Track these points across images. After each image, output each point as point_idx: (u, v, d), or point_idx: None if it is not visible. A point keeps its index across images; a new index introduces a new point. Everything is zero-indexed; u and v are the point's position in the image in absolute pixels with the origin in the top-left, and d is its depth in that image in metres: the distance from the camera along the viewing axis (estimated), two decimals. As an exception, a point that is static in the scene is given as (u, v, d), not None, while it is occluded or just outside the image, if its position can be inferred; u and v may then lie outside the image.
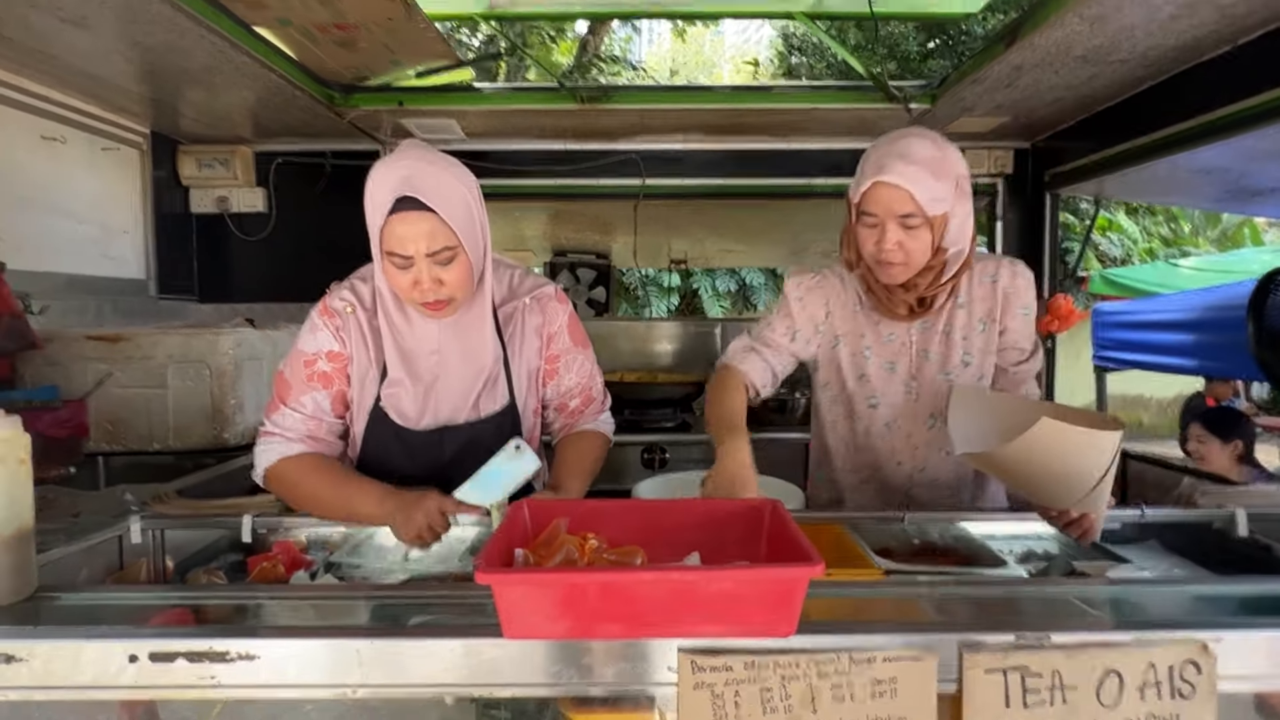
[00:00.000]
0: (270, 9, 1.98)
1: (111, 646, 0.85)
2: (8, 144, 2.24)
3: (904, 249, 1.29)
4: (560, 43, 9.67)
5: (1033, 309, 1.44)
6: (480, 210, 1.29)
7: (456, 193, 1.22)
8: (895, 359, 1.47)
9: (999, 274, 1.43)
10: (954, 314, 1.44)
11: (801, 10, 2.52)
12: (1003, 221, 3.13)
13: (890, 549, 1.46)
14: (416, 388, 1.38)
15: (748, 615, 0.80)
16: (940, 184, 1.26)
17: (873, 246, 1.32)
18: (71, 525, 1.34)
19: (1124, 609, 0.99)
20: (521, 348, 1.43)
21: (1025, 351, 1.47)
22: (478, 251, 1.29)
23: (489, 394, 1.40)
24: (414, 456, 1.42)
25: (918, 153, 1.26)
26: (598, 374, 1.54)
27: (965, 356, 1.45)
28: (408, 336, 1.37)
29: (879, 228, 1.30)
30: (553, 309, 1.44)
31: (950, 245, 1.32)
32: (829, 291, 1.48)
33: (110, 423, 2.19)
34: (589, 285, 5.09)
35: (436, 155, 1.25)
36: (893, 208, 1.27)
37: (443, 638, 0.85)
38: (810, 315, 1.49)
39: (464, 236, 1.23)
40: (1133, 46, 2.01)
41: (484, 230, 1.31)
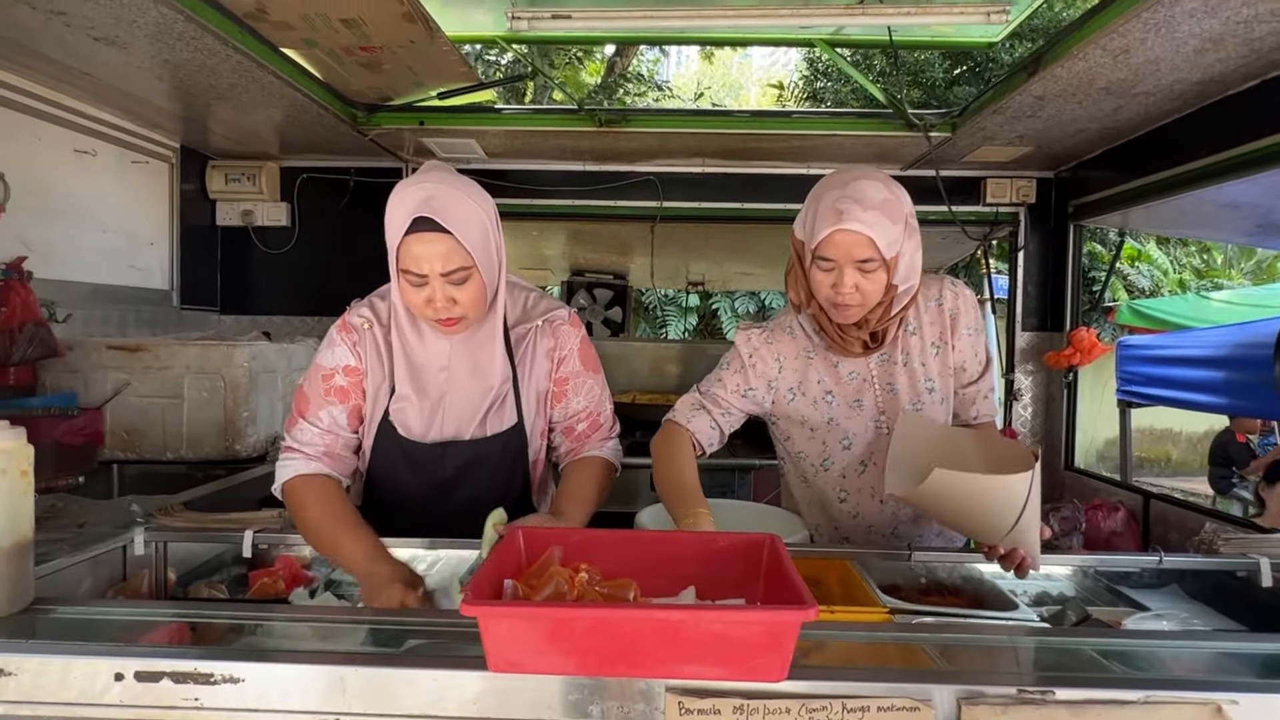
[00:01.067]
0: (296, 31, 2.03)
1: (98, 664, 0.85)
2: (41, 156, 2.31)
3: (860, 291, 1.29)
4: (588, 64, 9.80)
5: (978, 327, 1.44)
6: (496, 233, 1.32)
7: (474, 215, 1.25)
8: (860, 395, 1.46)
9: (943, 295, 1.44)
10: (907, 341, 1.45)
11: (822, 38, 2.52)
12: (1024, 252, 3.09)
13: (898, 586, 1.42)
14: (423, 403, 1.38)
15: (738, 657, 0.77)
16: (895, 227, 1.26)
17: (829, 290, 1.32)
18: (76, 535, 1.35)
19: (1136, 663, 0.95)
20: (532, 369, 1.43)
21: (974, 372, 1.47)
22: (491, 273, 1.30)
23: (497, 413, 1.41)
24: (417, 470, 1.42)
25: (872, 197, 1.25)
26: (607, 400, 1.53)
27: (927, 382, 1.45)
28: (419, 351, 1.38)
29: (835, 271, 1.29)
30: (565, 332, 1.45)
31: (901, 283, 1.33)
32: (779, 346, 1.48)
33: (126, 431, 2.23)
34: (605, 305, 5.10)
35: (457, 178, 1.28)
36: (852, 253, 1.26)
37: (429, 668, 0.84)
38: (763, 371, 1.48)
39: (479, 258, 1.25)
40: (1158, 80, 1.99)
41: (499, 252, 1.33)
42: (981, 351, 1.46)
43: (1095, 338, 2.82)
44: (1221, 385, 2.65)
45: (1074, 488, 2.88)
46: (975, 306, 1.44)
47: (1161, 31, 1.69)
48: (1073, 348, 2.83)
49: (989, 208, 3.07)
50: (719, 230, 3.54)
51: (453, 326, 1.30)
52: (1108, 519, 2.37)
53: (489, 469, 1.43)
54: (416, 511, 1.45)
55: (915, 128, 2.60)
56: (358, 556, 1.23)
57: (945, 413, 1.47)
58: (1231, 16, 1.62)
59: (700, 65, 18.00)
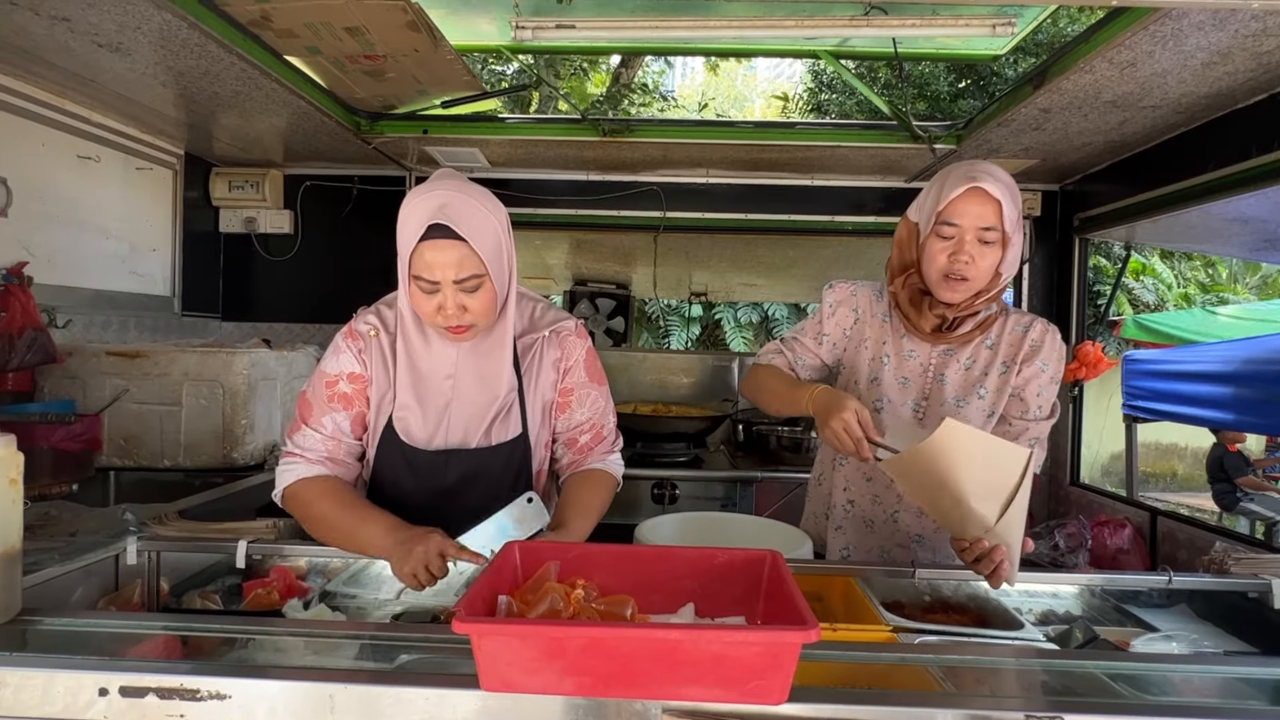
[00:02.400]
0: (300, 38, 2.03)
1: (82, 678, 0.83)
2: (44, 162, 2.31)
3: (976, 264, 1.31)
4: (593, 75, 9.84)
5: (1053, 370, 1.42)
6: (508, 242, 1.31)
7: (488, 224, 1.25)
8: (911, 377, 1.48)
9: (1033, 327, 1.44)
10: (979, 351, 1.45)
11: (827, 49, 2.52)
12: (1029, 265, 3.07)
13: (901, 604, 1.39)
14: (428, 410, 1.37)
15: (737, 679, 0.75)
16: (1016, 208, 1.31)
17: (945, 260, 1.33)
18: (67, 544, 1.33)
19: (1147, 687, 0.92)
20: (537, 380, 1.42)
21: (1031, 409, 1.44)
22: (503, 281, 1.30)
23: (502, 423, 1.40)
24: (419, 477, 1.40)
25: (1002, 174, 1.32)
26: (611, 413, 1.51)
27: (981, 390, 1.44)
28: (425, 359, 1.37)
29: (956, 239, 1.32)
30: (571, 343, 1.44)
31: (1005, 271, 1.35)
32: (860, 300, 1.53)
33: (124, 438, 2.21)
34: (608, 315, 5.09)
35: (471, 186, 1.28)
36: (978, 219, 1.29)
37: (419, 685, 0.82)
38: (839, 322, 1.53)
39: (491, 266, 1.25)
40: (1164, 93, 1.97)
41: (510, 261, 1.32)
42: (1047, 397, 1.44)
43: (1101, 352, 2.80)
44: (1230, 401, 2.63)
45: (1079, 504, 2.85)
46: (1060, 351, 1.44)
47: (1169, 45, 1.68)
48: (1079, 362, 2.81)
49: (994, 220, 3.06)
50: (722, 241, 3.53)
51: (462, 334, 1.30)
52: (1114, 536, 2.34)
53: (491, 479, 1.40)
54: (418, 522, 1.38)
55: (920, 140, 2.60)
56: (378, 533, 1.22)
57: (988, 426, 1.45)
58: (1240, 30, 1.61)
59: (705, 77, 18.08)
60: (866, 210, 3.10)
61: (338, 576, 1.49)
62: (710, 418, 3.07)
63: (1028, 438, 1.43)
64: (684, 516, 1.79)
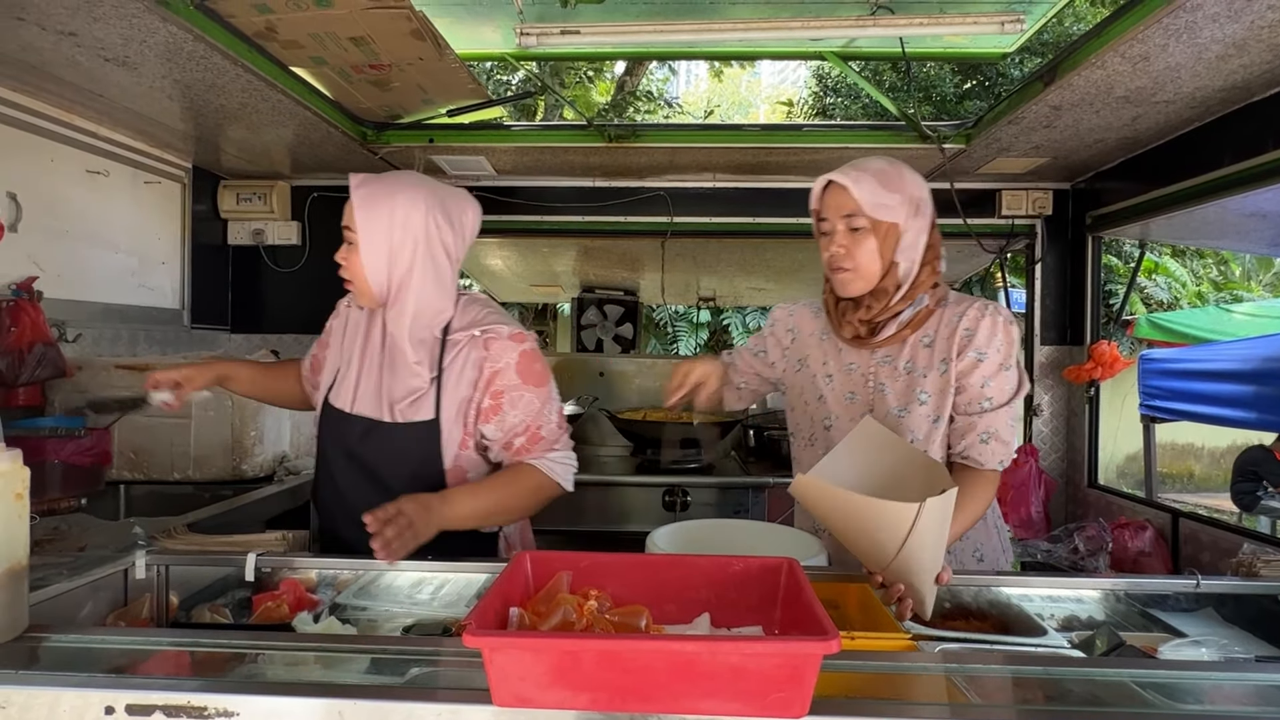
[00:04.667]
0: (305, 49, 2.03)
1: (89, 696, 0.82)
2: (53, 177, 2.32)
3: (851, 253, 1.34)
4: (598, 83, 9.86)
5: (998, 357, 1.34)
6: (406, 226, 1.40)
7: (386, 202, 1.40)
8: (855, 390, 1.46)
9: (967, 313, 1.38)
10: (917, 350, 1.41)
11: (833, 50, 2.50)
12: (1042, 264, 3.03)
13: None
14: (348, 373, 1.51)
15: (755, 692, 0.73)
16: (888, 194, 1.31)
17: (826, 256, 1.38)
18: (76, 559, 1.32)
19: (1179, 695, 0.89)
20: (459, 374, 1.47)
21: (972, 403, 1.36)
22: (378, 254, 1.40)
23: (414, 405, 1.46)
24: (339, 441, 1.51)
25: (869, 164, 1.35)
26: (553, 413, 1.53)
27: (922, 395, 1.39)
28: (359, 322, 1.55)
29: (830, 233, 1.36)
30: (500, 347, 1.47)
31: (901, 259, 1.34)
32: (799, 319, 1.58)
33: (134, 452, 2.21)
34: (616, 322, 5.08)
35: (410, 176, 1.46)
36: (839, 208, 1.33)
37: (430, 701, 0.80)
38: (778, 339, 1.60)
39: (363, 233, 1.39)
40: (1178, 87, 1.94)
41: (402, 242, 1.41)
42: (995, 388, 1.35)
43: (1116, 351, 2.76)
44: (1251, 399, 2.58)
45: (1098, 505, 2.80)
46: (1003, 337, 1.35)
47: (1183, 37, 1.66)
48: (1094, 361, 2.77)
49: (1005, 220, 3.03)
50: (730, 245, 3.51)
51: (350, 290, 1.50)
52: (1135, 538, 2.29)
53: (401, 457, 1.47)
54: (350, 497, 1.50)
55: (929, 140, 2.57)
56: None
57: (935, 432, 1.39)
58: (1256, 21, 1.58)
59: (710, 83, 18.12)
60: (875, 212, 3.08)
61: (348, 589, 1.47)
62: (721, 424, 3.04)
63: (977, 434, 1.36)
64: (696, 524, 1.77)
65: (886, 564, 1.07)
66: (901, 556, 1.04)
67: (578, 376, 3.64)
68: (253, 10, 1.80)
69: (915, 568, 1.06)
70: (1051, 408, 3.05)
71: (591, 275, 4.81)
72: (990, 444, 1.35)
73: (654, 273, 4.40)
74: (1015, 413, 1.39)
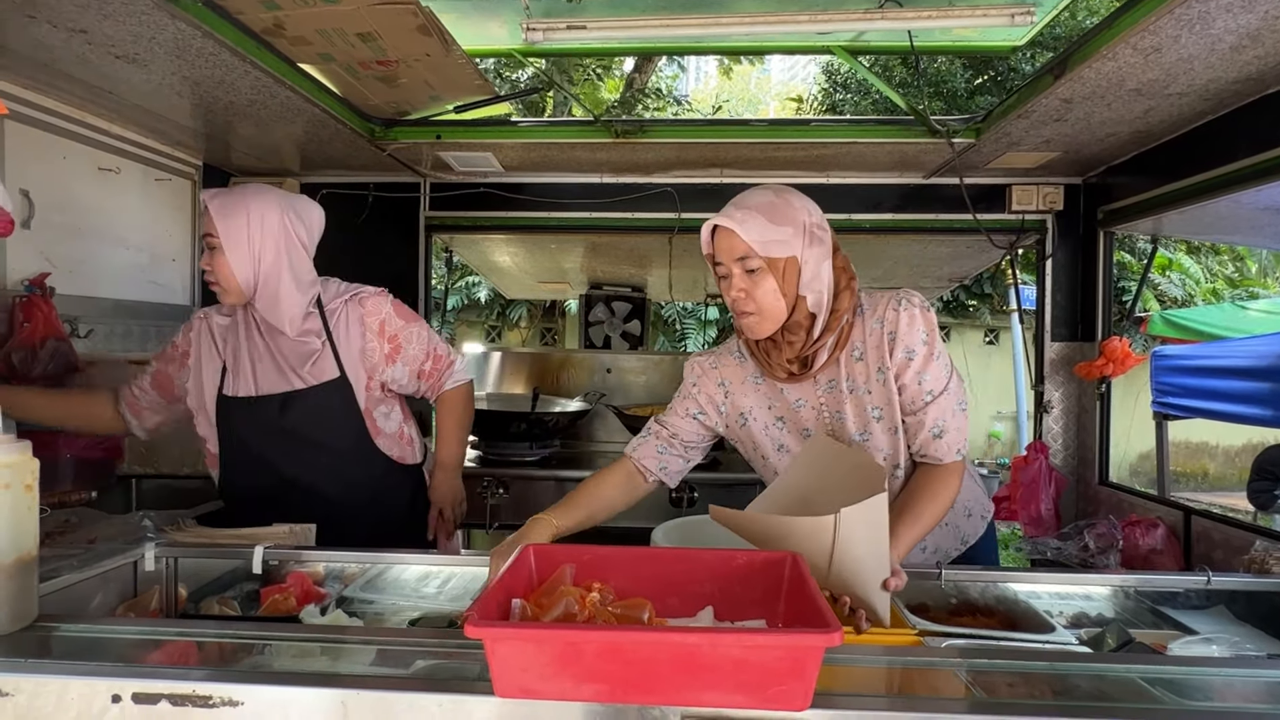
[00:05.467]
0: (313, 46, 2.03)
1: (96, 685, 0.83)
2: (65, 174, 2.34)
3: (751, 296, 1.28)
4: (607, 80, 9.86)
5: (920, 349, 1.31)
6: (263, 229, 1.63)
7: (242, 209, 1.61)
8: (808, 424, 1.40)
9: (885, 316, 1.34)
10: (852, 367, 1.36)
11: (842, 45, 2.49)
12: (1052, 260, 3.01)
13: (926, 606, 1.36)
14: (239, 366, 1.71)
15: (757, 685, 0.73)
16: (777, 228, 1.26)
17: (729, 300, 1.33)
18: (86, 551, 1.34)
19: (1188, 692, 0.88)
20: (347, 331, 1.74)
21: (914, 399, 1.33)
22: (240, 253, 1.61)
23: (315, 366, 1.71)
24: (259, 422, 1.70)
25: (752, 200, 1.29)
26: (434, 336, 1.85)
27: (874, 411, 1.35)
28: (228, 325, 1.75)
29: (727, 277, 1.31)
30: (373, 302, 1.78)
31: (806, 292, 1.28)
32: (725, 371, 1.48)
33: (144, 446, 2.23)
34: (624, 319, 5.08)
35: (265, 189, 1.69)
36: (731, 252, 1.28)
37: (433, 691, 0.80)
38: (709, 395, 1.49)
39: (224, 237, 1.60)
40: (1191, 79, 1.92)
41: (262, 243, 1.63)
42: (932, 378, 1.32)
43: (1128, 348, 2.73)
44: (1267, 396, 2.55)
45: (1109, 503, 2.78)
46: (924, 325, 1.32)
47: (1195, 28, 1.63)
48: (1105, 358, 2.74)
49: (1015, 215, 3.00)
50: (738, 242, 3.49)
51: (215, 290, 1.67)
52: (1146, 536, 2.27)
53: (323, 414, 1.72)
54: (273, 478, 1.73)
55: (938, 134, 2.55)
56: None
57: (899, 442, 1.36)
58: (1270, 10, 1.56)
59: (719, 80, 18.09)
60: (884, 208, 3.06)
61: (355, 582, 1.48)
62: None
63: (928, 429, 1.32)
64: (700, 519, 1.77)
65: (824, 578, 1.03)
66: (834, 569, 1.02)
67: (585, 373, 3.64)
68: (260, 6, 1.81)
69: (853, 579, 1.04)
70: (1062, 404, 3.02)
71: (599, 272, 4.81)
72: (944, 436, 1.31)
73: (662, 269, 4.39)
74: (959, 397, 1.33)
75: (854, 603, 1.07)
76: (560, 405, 3.26)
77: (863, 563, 1.02)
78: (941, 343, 1.34)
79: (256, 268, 1.63)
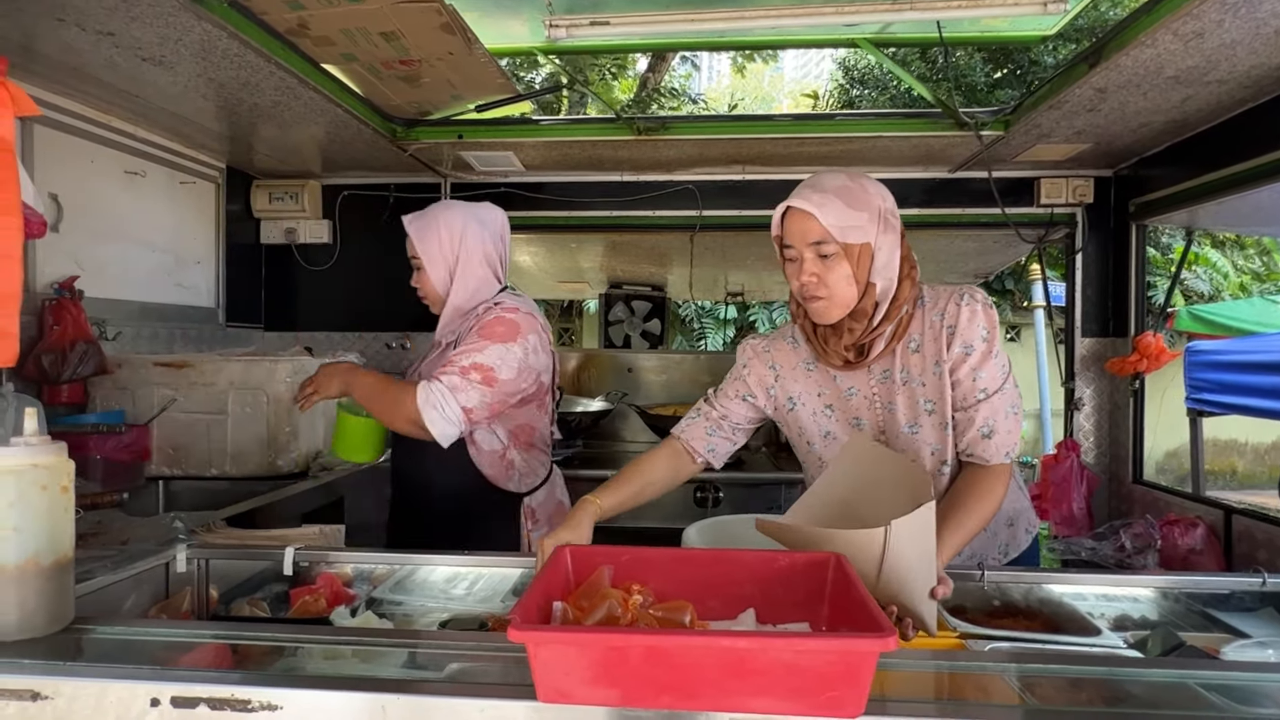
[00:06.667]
0: (337, 46, 2.03)
1: (135, 689, 0.82)
2: (93, 178, 2.36)
3: (823, 281, 1.25)
4: (621, 80, 9.84)
5: (979, 346, 1.28)
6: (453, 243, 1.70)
7: (434, 226, 1.70)
8: (859, 413, 1.37)
9: (946, 309, 1.30)
10: (908, 359, 1.32)
11: (867, 37, 2.45)
12: (1083, 254, 2.95)
13: (965, 608, 1.33)
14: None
15: (809, 691, 0.70)
16: (854, 213, 1.22)
17: (797, 284, 1.29)
18: (119, 553, 1.34)
19: (1248, 700, 0.85)
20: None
21: (966, 396, 1.29)
22: (437, 267, 1.70)
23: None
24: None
25: (829, 183, 1.25)
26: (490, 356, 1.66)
27: (927, 404, 1.31)
28: None
29: (797, 260, 1.27)
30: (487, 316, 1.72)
31: (876, 279, 1.25)
32: (776, 354, 1.46)
33: (172, 447, 2.24)
34: (644, 318, 5.06)
35: (452, 204, 1.76)
36: (805, 235, 1.24)
37: (473, 696, 0.78)
38: (759, 378, 1.46)
39: (424, 255, 1.71)
40: (1233, 65, 1.87)
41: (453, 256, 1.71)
42: (987, 376, 1.28)
43: (1162, 343, 2.67)
44: (1307, 391, 2.47)
45: (1144, 502, 2.72)
46: (985, 322, 1.29)
47: (1240, 12, 1.58)
48: (1139, 354, 2.68)
49: (1044, 209, 2.95)
50: (759, 239, 3.46)
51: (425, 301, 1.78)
52: (1185, 536, 2.22)
53: None
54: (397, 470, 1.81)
55: (966, 127, 2.51)
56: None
57: (947, 438, 1.33)
58: (1320, -8, 1.51)
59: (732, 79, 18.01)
60: (909, 203, 3.01)
61: (384, 583, 1.48)
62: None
63: (977, 428, 1.28)
64: (732, 519, 1.75)
65: (873, 588, 1.01)
66: (883, 580, 0.99)
67: (606, 372, 3.62)
68: (285, 6, 1.81)
69: (901, 589, 1.01)
70: (1093, 401, 2.96)
71: (619, 271, 4.80)
72: (993, 437, 1.28)
73: (682, 268, 4.37)
74: (1012, 400, 1.30)
75: (900, 612, 1.04)
76: (583, 405, 3.24)
77: (912, 572, 1.00)
78: (1001, 343, 1.31)
79: (451, 274, 1.72)
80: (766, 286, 5.76)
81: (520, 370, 1.62)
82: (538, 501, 1.80)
